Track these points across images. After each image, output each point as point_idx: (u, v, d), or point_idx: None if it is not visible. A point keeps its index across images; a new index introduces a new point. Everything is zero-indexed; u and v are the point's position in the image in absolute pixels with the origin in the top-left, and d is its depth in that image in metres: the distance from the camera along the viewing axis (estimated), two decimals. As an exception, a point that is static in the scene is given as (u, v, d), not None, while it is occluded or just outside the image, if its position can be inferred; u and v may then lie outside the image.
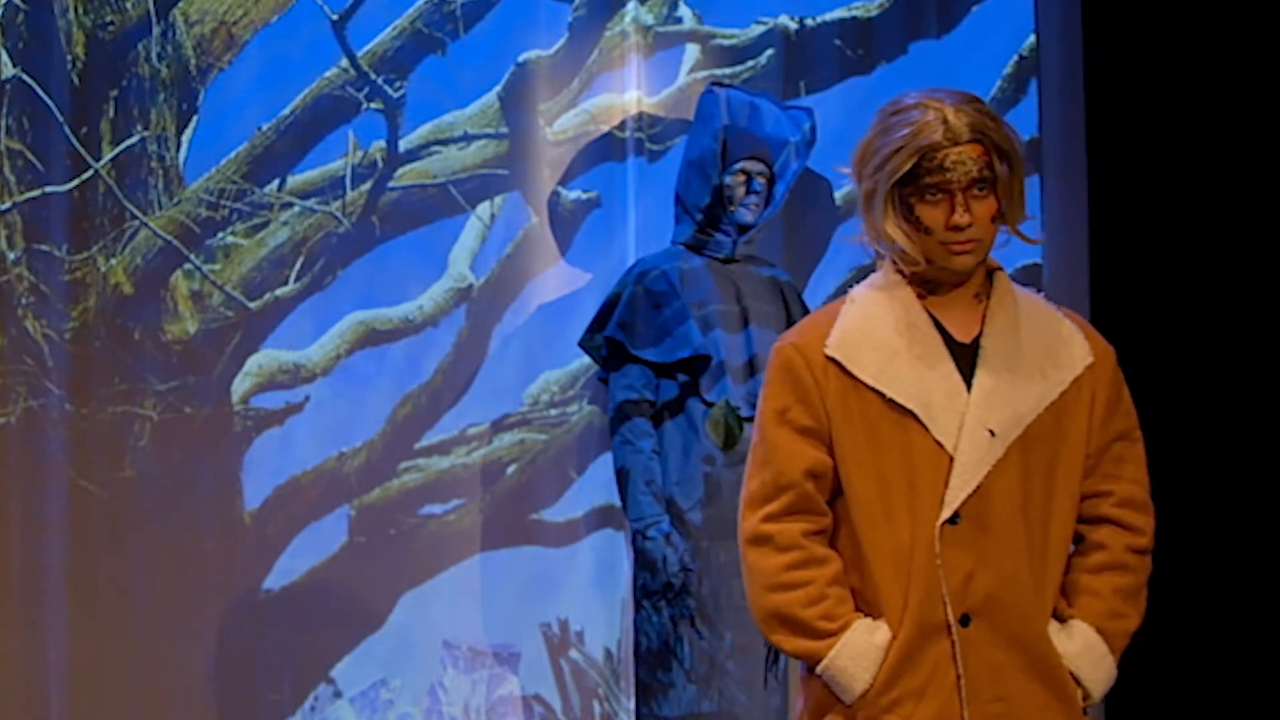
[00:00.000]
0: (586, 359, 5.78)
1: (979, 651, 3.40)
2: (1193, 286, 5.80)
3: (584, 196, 5.99)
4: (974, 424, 3.40)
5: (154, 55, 5.84)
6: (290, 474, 5.82)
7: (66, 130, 5.83)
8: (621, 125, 5.95)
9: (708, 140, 5.60)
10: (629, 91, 5.97)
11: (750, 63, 5.97)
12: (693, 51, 6.01)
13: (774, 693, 5.56)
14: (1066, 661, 3.43)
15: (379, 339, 5.84)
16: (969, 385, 3.44)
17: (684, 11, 6.01)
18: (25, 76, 5.82)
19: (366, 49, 5.93)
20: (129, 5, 5.87)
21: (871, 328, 3.48)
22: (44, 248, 5.83)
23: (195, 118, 5.86)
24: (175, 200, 5.85)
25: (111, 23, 5.86)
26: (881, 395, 3.43)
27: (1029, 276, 5.89)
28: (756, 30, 6.00)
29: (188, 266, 5.85)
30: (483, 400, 5.94)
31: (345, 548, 5.79)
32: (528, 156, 5.97)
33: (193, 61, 5.87)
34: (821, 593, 3.45)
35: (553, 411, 5.96)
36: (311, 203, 5.86)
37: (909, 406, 3.41)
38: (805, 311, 5.73)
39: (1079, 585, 3.48)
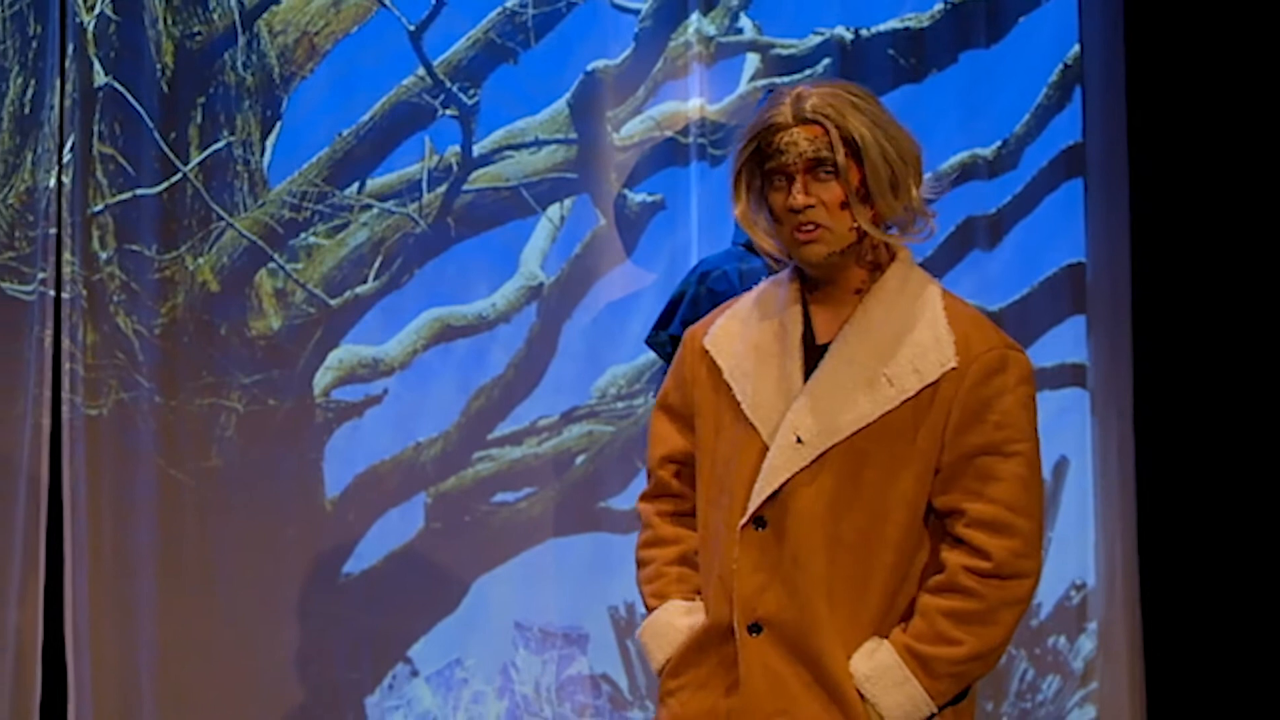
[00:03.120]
0: (651, 354, 5.71)
1: (763, 661, 3.21)
2: (1231, 285, 5.79)
3: (649, 199, 5.96)
4: (786, 429, 3.20)
5: (239, 64, 5.83)
6: (369, 463, 5.80)
7: (156, 135, 5.80)
8: (685, 131, 5.92)
9: (767, 145, 5.73)
10: (692, 99, 5.93)
11: (808, 71, 5.91)
12: (753, 61, 5.95)
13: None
14: (857, 683, 3.18)
15: (453, 335, 5.82)
16: None
17: (744, 23, 5.95)
18: (117, 85, 5.79)
19: (442, 58, 5.89)
20: (216, 16, 5.85)
21: (749, 322, 3.32)
22: (135, 248, 5.80)
23: (279, 123, 5.84)
24: (260, 202, 5.82)
25: (199, 33, 5.84)
26: (732, 390, 3.27)
27: (1072, 275, 5.90)
28: (814, 40, 5.95)
29: (272, 265, 5.82)
30: (553, 393, 5.92)
31: (422, 533, 5.78)
32: (596, 161, 5.95)
33: (276, 70, 5.85)
34: (658, 571, 3.36)
35: (619, 404, 5.94)
36: (389, 205, 5.82)
37: (743, 404, 3.24)
38: (859, 308, 5.87)
39: (916, 604, 3.21)
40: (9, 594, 5.68)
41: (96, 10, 5.77)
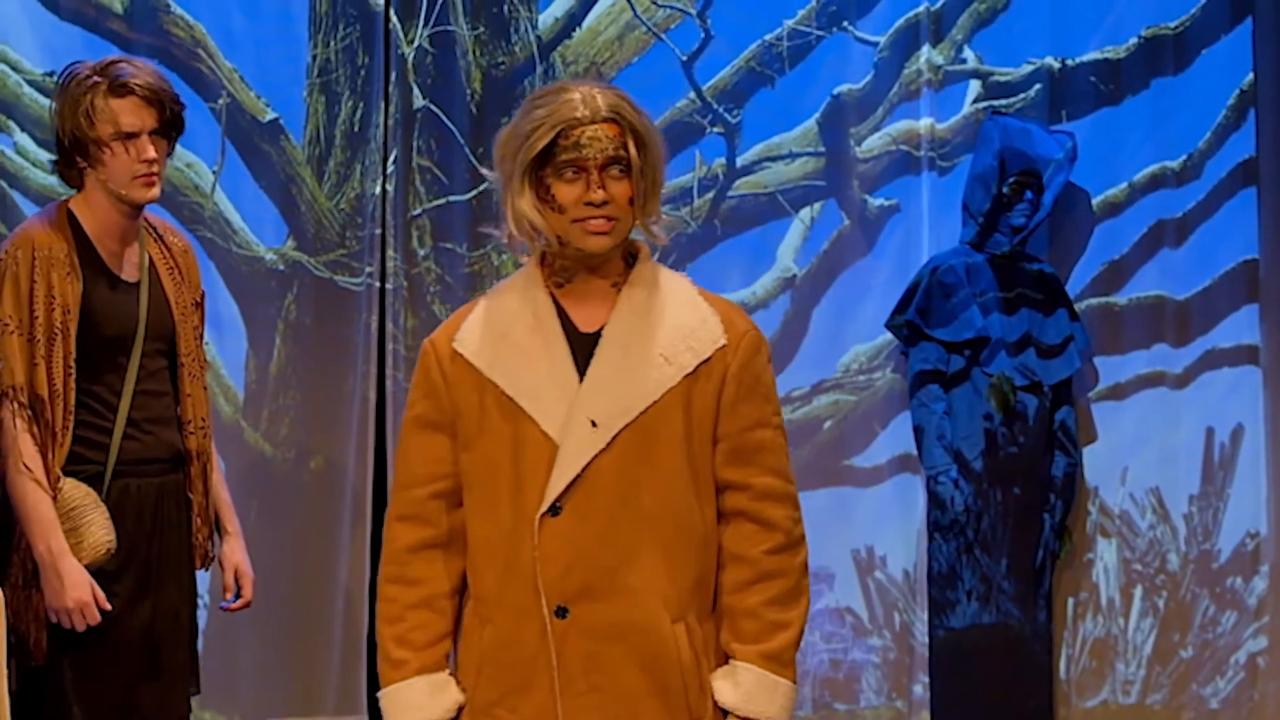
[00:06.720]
0: (889, 335, 6.02)
1: (574, 642, 3.14)
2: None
3: (887, 204, 6.16)
4: (578, 414, 3.12)
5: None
6: (646, 429, 6.05)
7: (466, 150, 6.05)
8: (917, 145, 6.11)
9: (988, 158, 5.91)
10: (923, 118, 6.12)
11: (1022, 95, 6.11)
12: (975, 86, 6.15)
13: (1040, 609, 5.96)
14: (741, 708, 3.14)
15: (720, 319, 5.97)
16: (584, 376, 3.16)
17: (968, 54, 6.15)
18: (433, 107, 6.06)
19: (710, 83, 6.14)
20: (517, 49, 6.10)
21: (497, 319, 3.20)
22: (448, 246, 6.06)
23: (570, 140, 6.26)
24: (553, 207, 6.26)
25: (503, 63, 6.11)
26: (497, 385, 3.17)
27: (1247, 270, 6.05)
28: (1027, 69, 6.14)
29: (563, 260, 6.22)
30: (804, 368, 6.11)
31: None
32: (841, 170, 6.12)
33: (568, 95, 6.32)
34: (399, 614, 3.19)
35: (861, 378, 6.13)
36: (665, 208, 5.18)
37: (515, 397, 3.15)
38: (1067, 299, 6.02)
39: (733, 608, 3.17)
40: (340, 548, 5.95)
41: (415, 44, 6.04)
